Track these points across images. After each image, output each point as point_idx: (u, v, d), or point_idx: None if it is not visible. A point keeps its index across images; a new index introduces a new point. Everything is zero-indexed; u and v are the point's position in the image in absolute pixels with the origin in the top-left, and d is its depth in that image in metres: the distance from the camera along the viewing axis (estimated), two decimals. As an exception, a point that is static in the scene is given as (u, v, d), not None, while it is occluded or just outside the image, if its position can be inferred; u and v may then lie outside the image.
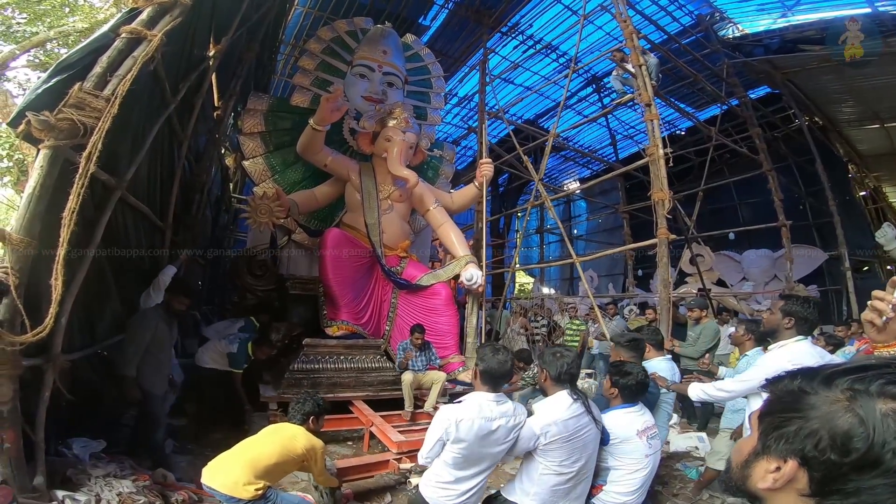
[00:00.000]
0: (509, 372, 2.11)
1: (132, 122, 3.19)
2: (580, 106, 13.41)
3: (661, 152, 5.72)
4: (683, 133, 12.93)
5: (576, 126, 11.69)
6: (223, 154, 8.04)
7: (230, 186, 8.74)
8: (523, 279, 20.14)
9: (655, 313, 6.18)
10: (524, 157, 8.37)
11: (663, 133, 6.38)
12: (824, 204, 9.71)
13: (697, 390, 2.70)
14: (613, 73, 7.70)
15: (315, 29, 7.60)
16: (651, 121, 5.96)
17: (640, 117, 12.79)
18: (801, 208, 10.88)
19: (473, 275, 5.41)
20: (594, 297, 7.19)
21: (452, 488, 2.01)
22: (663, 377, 2.86)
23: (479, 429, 1.94)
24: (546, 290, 16.00)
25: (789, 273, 9.12)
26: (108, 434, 3.23)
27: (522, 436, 2.02)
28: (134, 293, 3.73)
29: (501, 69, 10.76)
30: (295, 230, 5.88)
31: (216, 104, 6.14)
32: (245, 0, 4.85)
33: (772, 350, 2.44)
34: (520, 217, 16.68)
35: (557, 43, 10.83)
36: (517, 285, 19.44)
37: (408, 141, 5.70)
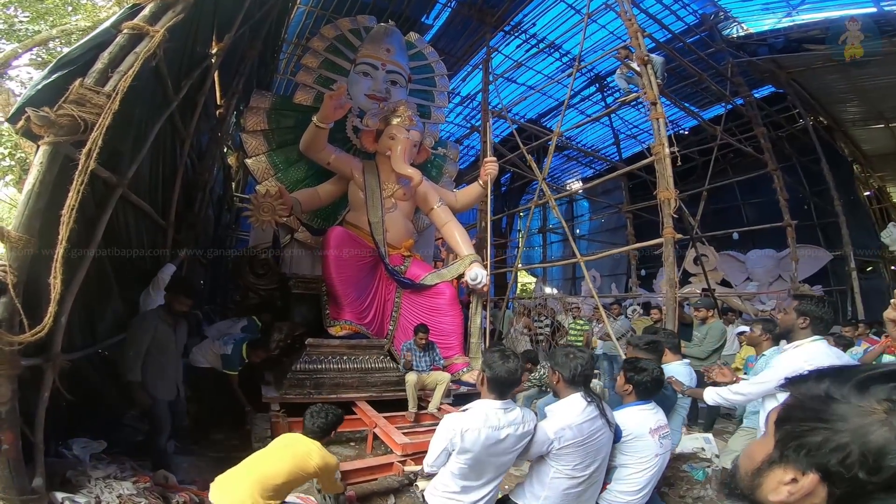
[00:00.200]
0: (518, 380, 2.05)
1: (134, 119, 3.16)
2: (583, 105, 13.38)
3: (667, 151, 5.67)
4: (687, 132, 12.87)
5: (579, 125, 11.64)
6: (226, 152, 8.02)
7: (233, 185, 8.72)
8: (525, 279, 20.10)
9: (661, 313, 6.13)
10: (528, 156, 8.31)
11: (668, 132, 6.33)
12: (829, 204, 9.68)
13: (713, 394, 2.66)
14: (618, 71, 7.65)
15: (318, 27, 7.57)
16: (657, 119, 5.91)
17: (643, 116, 12.79)
18: (805, 208, 10.81)
19: (478, 274, 5.37)
20: (598, 298, 7.13)
21: (459, 499, 1.94)
22: (679, 381, 2.81)
23: (487, 438, 1.86)
24: (549, 290, 15.94)
25: (794, 273, 9.05)
26: (108, 434, 3.19)
27: (536, 440, 1.96)
28: (135, 292, 3.70)
29: (504, 68, 10.73)
30: (298, 229, 5.84)
31: (219, 102, 6.10)
32: (248, -3, 4.81)
33: (787, 350, 2.39)
34: (522, 217, 16.69)
35: (561, 42, 10.79)
36: (519, 285, 19.39)
37: (412, 139, 5.65)
